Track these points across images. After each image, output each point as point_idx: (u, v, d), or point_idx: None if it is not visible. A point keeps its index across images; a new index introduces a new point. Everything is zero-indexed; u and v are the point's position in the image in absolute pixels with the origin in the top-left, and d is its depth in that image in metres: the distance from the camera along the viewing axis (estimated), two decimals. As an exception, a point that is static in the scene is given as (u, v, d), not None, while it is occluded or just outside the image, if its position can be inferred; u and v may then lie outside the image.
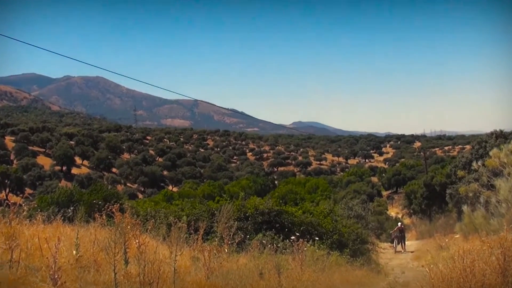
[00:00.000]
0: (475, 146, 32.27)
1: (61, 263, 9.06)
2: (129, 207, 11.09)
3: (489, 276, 7.45)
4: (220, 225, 14.31)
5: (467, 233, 22.63)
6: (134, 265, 9.88)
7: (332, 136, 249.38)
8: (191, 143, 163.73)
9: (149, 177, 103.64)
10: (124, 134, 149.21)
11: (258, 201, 20.25)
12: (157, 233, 13.73)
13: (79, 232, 10.62)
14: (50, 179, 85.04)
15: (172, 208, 23.46)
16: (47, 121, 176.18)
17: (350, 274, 16.14)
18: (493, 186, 20.64)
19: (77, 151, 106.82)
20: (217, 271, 11.22)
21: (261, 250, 14.13)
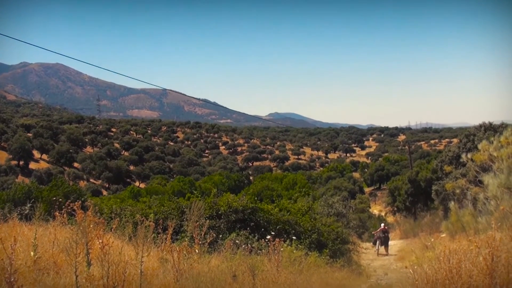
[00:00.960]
0: (463, 140, 32.55)
1: (18, 265, 9.01)
2: (92, 204, 11.07)
3: (476, 278, 7.54)
4: (191, 224, 14.29)
5: (454, 232, 22.86)
6: (97, 267, 9.85)
7: (311, 129, 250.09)
8: (159, 135, 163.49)
9: (114, 173, 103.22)
10: (86, 126, 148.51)
11: (231, 198, 20.26)
12: (123, 233, 13.69)
13: (37, 231, 10.56)
14: (5, 174, 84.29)
15: (139, 205, 23.41)
16: (2, 112, 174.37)
17: (330, 276, 16.24)
18: (481, 182, 20.85)
19: (35, 144, 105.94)
20: (187, 273, 11.23)
21: (234, 251, 14.15)
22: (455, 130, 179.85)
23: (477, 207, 20.47)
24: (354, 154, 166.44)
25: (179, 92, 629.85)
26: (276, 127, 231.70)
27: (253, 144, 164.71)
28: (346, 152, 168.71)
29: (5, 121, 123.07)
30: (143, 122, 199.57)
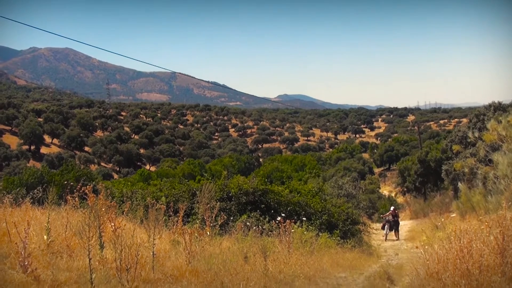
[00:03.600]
0: (473, 119, 32.37)
1: (31, 249, 9.06)
2: (103, 188, 11.05)
3: (487, 257, 7.51)
4: (202, 206, 14.31)
5: (464, 211, 22.78)
6: (110, 250, 9.89)
7: (320, 110, 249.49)
8: (169, 119, 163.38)
9: (124, 156, 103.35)
10: (96, 110, 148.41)
11: (242, 180, 20.24)
12: (134, 216, 13.74)
13: (50, 215, 10.59)
14: (17, 159, 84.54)
15: (150, 188, 23.44)
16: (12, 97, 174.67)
17: (341, 256, 16.24)
18: (491, 161, 20.74)
19: (46, 129, 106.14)
20: (199, 255, 11.26)
21: (245, 233, 14.18)
22: (464, 110, 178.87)
23: (487, 187, 20.37)
24: (363, 135, 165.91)
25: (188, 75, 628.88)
26: (285, 109, 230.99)
27: (263, 126, 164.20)
28: (356, 133, 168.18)
29: (16, 106, 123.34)
30: (152, 105, 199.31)
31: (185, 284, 9.34)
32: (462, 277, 7.41)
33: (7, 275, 8.21)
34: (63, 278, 8.58)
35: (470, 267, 7.44)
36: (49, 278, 8.42)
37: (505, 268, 7.26)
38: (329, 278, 12.25)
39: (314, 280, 11.68)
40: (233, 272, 10.52)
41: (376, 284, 10.92)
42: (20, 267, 8.52)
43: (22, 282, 8.06)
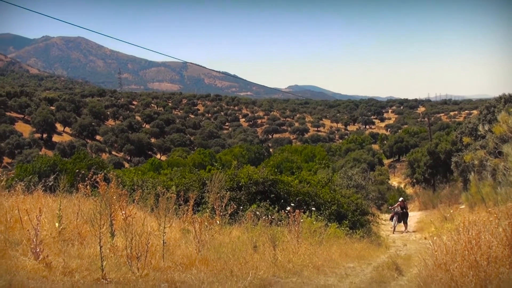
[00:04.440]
0: (483, 111, 32.23)
1: (43, 236, 9.11)
2: (114, 176, 11.11)
3: (496, 249, 7.50)
4: (212, 196, 14.34)
5: (473, 203, 22.73)
6: (120, 238, 9.94)
7: (331, 101, 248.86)
8: (180, 108, 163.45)
9: (135, 145, 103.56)
10: (108, 99, 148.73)
11: (252, 170, 20.27)
12: (145, 204, 13.79)
13: (61, 203, 10.63)
14: (29, 147, 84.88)
15: (161, 177, 23.53)
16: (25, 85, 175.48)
17: (349, 247, 16.24)
18: (501, 153, 20.67)
19: (58, 117, 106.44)
20: (209, 244, 11.29)
21: (255, 222, 14.20)
22: (475, 102, 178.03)
23: (497, 178, 20.31)
24: (373, 126, 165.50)
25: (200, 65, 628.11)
26: (296, 100, 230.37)
27: (273, 117, 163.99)
28: (366, 124, 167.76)
29: (29, 94, 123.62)
30: (163, 95, 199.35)
31: (195, 273, 9.37)
32: (470, 268, 7.41)
33: (19, 262, 8.27)
34: (74, 265, 8.63)
35: (478, 258, 7.44)
36: (60, 265, 8.47)
37: (513, 260, 7.25)
38: (337, 268, 12.27)
39: (322, 269, 11.70)
40: (242, 261, 10.55)
41: (384, 274, 10.93)
42: (32, 254, 8.57)
43: (34, 268, 8.11)
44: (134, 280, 8.32)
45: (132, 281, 8.22)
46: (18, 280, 7.41)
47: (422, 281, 8.53)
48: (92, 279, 8.11)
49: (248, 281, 8.97)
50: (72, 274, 8.24)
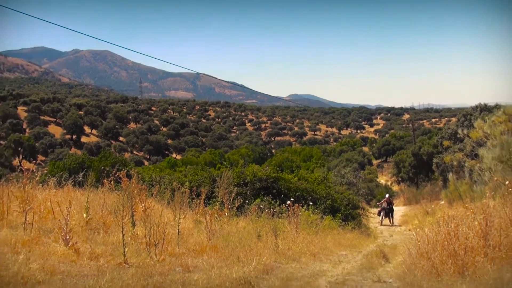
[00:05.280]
0: (461, 119, 32.26)
1: (72, 225, 9.13)
2: (135, 173, 11.10)
3: (472, 240, 7.50)
4: (221, 191, 14.33)
5: (452, 199, 22.71)
6: (140, 227, 9.95)
7: (326, 108, 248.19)
8: (193, 113, 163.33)
9: (154, 146, 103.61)
10: (130, 105, 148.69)
11: (256, 168, 20.28)
12: (162, 198, 13.78)
13: (89, 196, 10.65)
14: (61, 147, 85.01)
15: (176, 174, 23.51)
16: (57, 92, 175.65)
17: (342, 237, 16.24)
18: (477, 156, 20.66)
19: (86, 120, 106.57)
20: (218, 233, 11.30)
21: (259, 214, 14.20)
22: (454, 110, 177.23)
23: (473, 178, 20.32)
24: (364, 130, 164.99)
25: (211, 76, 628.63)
26: (295, 107, 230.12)
27: (275, 122, 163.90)
28: (357, 129, 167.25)
29: (60, 100, 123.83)
30: (179, 102, 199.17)
31: (206, 258, 9.37)
32: (449, 257, 7.40)
33: (51, 248, 8.27)
34: (100, 251, 8.64)
35: (456, 248, 7.43)
36: (87, 251, 8.48)
37: (487, 250, 7.24)
38: (331, 256, 12.26)
39: (318, 257, 11.68)
40: (247, 248, 10.54)
41: (373, 262, 10.90)
42: (62, 241, 8.58)
43: (64, 254, 8.12)
44: (152, 264, 8.33)
45: (151, 266, 8.22)
46: (50, 264, 7.42)
47: (407, 267, 8.52)
48: (115, 263, 8.11)
49: (252, 266, 8.96)
50: (98, 259, 8.24)
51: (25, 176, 9.95)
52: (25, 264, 7.08)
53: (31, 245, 8.27)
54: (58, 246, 8.43)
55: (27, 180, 9.84)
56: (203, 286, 7.20)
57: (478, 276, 6.74)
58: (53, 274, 7.02)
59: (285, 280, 8.32)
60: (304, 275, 9.10)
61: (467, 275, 6.91)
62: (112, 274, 7.36)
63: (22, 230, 8.94)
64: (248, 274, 8.30)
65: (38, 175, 10.66)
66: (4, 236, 8.40)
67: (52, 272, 7.08)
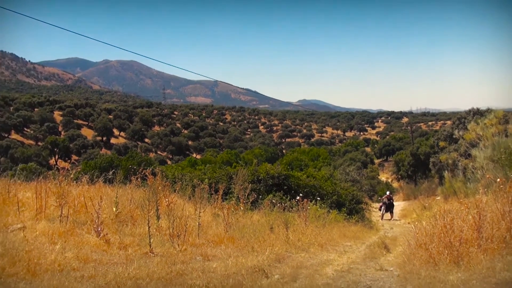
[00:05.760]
0: (455, 122, 32.04)
1: (103, 218, 9.18)
2: (159, 171, 11.15)
3: (466, 232, 7.45)
4: (237, 187, 14.36)
5: (447, 195, 22.57)
6: (164, 220, 9.98)
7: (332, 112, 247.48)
8: (211, 117, 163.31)
9: (176, 146, 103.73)
10: (154, 110, 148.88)
11: (269, 167, 20.27)
12: (184, 193, 13.81)
13: (118, 192, 10.72)
14: (92, 147, 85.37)
15: (196, 172, 23.52)
16: (89, 99, 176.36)
17: (347, 229, 16.19)
18: (470, 155, 20.54)
19: (115, 124, 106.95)
20: (234, 226, 11.32)
21: (271, 208, 14.20)
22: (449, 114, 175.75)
23: (467, 176, 20.20)
24: (366, 132, 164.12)
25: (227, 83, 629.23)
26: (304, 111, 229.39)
27: (286, 124, 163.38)
28: (360, 131, 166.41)
29: (92, 106, 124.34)
30: (199, 106, 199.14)
31: (223, 248, 9.39)
32: (445, 248, 7.35)
33: (84, 239, 8.33)
34: (128, 241, 8.68)
35: (452, 240, 7.38)
36: (117, 241, 8.52)
37: (480, 242, 7.20)
38: (337, 246, 12.23)
39: (325, 247, 11.66)
40: (261, 239, 10.56)
41: (375, 252, 10.86)
42: (94, 232, 8.63)
43: (96, 244, 8.17)
44: (175, 253, 8.35)
45: (174, 255, 8.25)
46: (84, 253, 7.47)
47: (406, 257, 8.48)
48: (142, 252, 8.15)
49: (266, 255, 8.97)
50: (126, 248, 8.28)
51: (61, 174, 10.02)
52: (61, 253, 7.13)
53: (67, 236, 8.32)
54: (90, 237, 8.49)
55: (63, 178, 9.91)
56: (221, 273, 7.21)
57: (472, 265, 6.70)
58: (86, 262, 7.07)
59: (296, 268, 8.32)
60: (312, 264, 9.09)
61: (462, 265, 6.87)
62: (139, 262, 7.39)
63: (58, 222, 9.00)
64: (262, 262, 8.30)
65: (72, 173, 10.73)
66: (43, 227, 8.46)
67: (85, 260, 7.13)
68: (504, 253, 6.81)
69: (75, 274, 6.37)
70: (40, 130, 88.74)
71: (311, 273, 7.97)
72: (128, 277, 6.44)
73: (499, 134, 19.38)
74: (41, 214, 9.40)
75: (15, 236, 7.67)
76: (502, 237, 7.16)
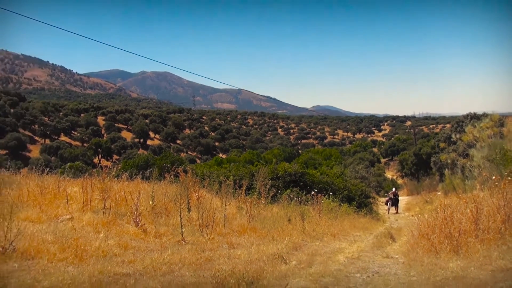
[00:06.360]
0: (454, 125, 31.70)
1: (141, 210, 9.25)
2: (190, 169, 11.23)
3: (465, 224, 7.38)
4: (258, 183, 14.35)
5: (447, 191, 22.36)
6: (194, 212, 10.02)
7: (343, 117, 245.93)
8: (235, 121, 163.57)
9: (204, 147, 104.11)
10: (185, 115, 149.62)
11: (286, 165, 20.24)
12: (211, 189, 13.85)
13: (154, 187, 10.78)
14: (131, 148, 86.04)
15: (222, 170, 23.58)
16: (128, 105, 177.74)
17: (356, 221, 16.11)
18: (468, 155, 20.31)
19: (151, 127, 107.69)
20: (256, 217, 11.32)
21: (289, 202, 14.18)
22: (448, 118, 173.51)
23: (465, 173, 19.96)
24: (373, 135, 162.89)
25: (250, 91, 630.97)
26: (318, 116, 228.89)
27: (302, 128, 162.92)
28: (368, 133, 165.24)
29: (130, 111, 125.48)
30: (224, 112, 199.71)
31: (247, 237, 9.40)
32: (446, 238, 7.28)
33: (124, 228, 8.41)
34: (163, 231, 8.74)
35: (452, 231, 7.31)
36: (153, 231, 8.58)
37: (477, 233, 7.12)
38: (348, 236, 12.16)
39: (337, 236, 11.61)
40: (280, 229, 10.55)
41: (382, 241, 10.78)
42: (133, 223, 8.71)
43: (135, 233, 8.24)
44: (204, 242, 8.38)
45: (203, 243, 8.28)
46: (124, 240, 7.54)
47: (410, 246, 8.40)
48: (175, 240, 8.19)
49: (284, 243, 8.96)
50: (161, 237, 8.34)
51: (104, 171, 10.14)
52: (104, 241, 7.21)
53: (109, 226, 8.41)
54: (130, 227, 8.56)
55: (106, 175, 10.03)
56: (245, 259, 7.21)
57: (470, 254, 6.63)
58: (126, 249, 7.13)
59: (311, 255, 8.29)
60: (326, 252, 9.05)
61: (461, 253, 6.80)
62: (172, 249, 7.43)
63: (102, 214, 9.10)
64: (281, 250, 8.30)
65: (113, 171, 10.84)
66: (88, 218, 8.56)
67: (126, 247, 7.19)
68: (499, 243, 6.75)
69: (116, 259, 6.43)
70: (85, 133, 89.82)
71: (325, 260, 7.94)
72: (163, 262, 6.48)
73: (494, 136, 19.15)
74: (87, 207, 9.52)
75: (64, 225, 7.78)
76: (498, 229, 7.09)
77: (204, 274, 6.00)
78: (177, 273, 6.03)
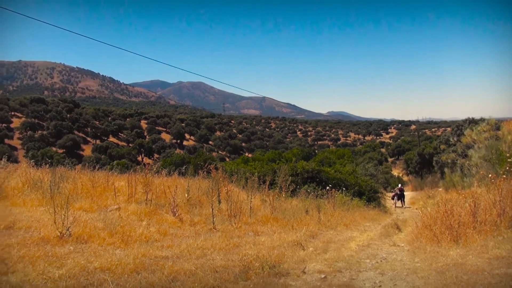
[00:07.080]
0: (454, 129, 31.19)
1: (178, 202, 9.33)
2: (220, 166, 11.25)
3: (464, 217, 7.26)
4: (280, 179, 14.33)
5: (448, 187, 21.96)
6: (224, 204, 10.07)
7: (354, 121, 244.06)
8: (260, 125, 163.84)
9: (232, 147, 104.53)
10: (216, 119, 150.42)
11: (304, 163, 20.19)
12: (239, 184, 13.90)
13: (189, 182, 10.88)
14: (169, 148, 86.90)
15: (248, 167, 23.64)
16: (167, 111, 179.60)
17: (366, 213, 15.97)
18: (467, 155, 19.95)
19: (187, 130, 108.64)
20: (278, 209, 11.31)
21: (306, 196, 14.15)
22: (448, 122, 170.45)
23: (464, 172, 19.61)
24: (381, 137, 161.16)
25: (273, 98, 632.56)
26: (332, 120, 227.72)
27: (318, 130, 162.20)
28: (377, 135, 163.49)
29: (169, 116, 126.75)
30: (250, 117, 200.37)
31: (270, 226, 9.41)
32: (447, 229, 7.18)
33: (163, 217, 8.50)
34: (197, 220, 8.80)
35: (452, 223, 7.20)
36: (188, 220, 8.65)
37: (475, 224, 7.00)
38: (359, 226, 12.07)
39: (349, 226, 11.53)
40: (299, 220, 10.53)
41: (389, 231, 10.66)
42: (171, 213, 8.79)
43: (173, 221, 8.32)
44: (232, 230, 8.42)
45: (231, 231, 8.31)
46: (163, 228, 7.63)
47: (414, 236, 8.29)
48: (207, 228, 8.25)
49: (302, 232, 8.94)
50: (195, 225, 8.40)
51: (146, 168, 10.27)
52: (146, 228, 7.31)
53: (151, 215, 8.51)
54: (168, 216, 8.65)
55: (148, 171, 10.16)
56: (268, 245, 7.22)
57: (469, 243, 6.53)
58: (165, 235, 7.21)
59: (326, 243, 8.25)
60: (339, 239, 8.99)
61: (460, 243, 6.70)
62: (205, 236, 7.49)
63: (144, 204, 9.21)
64: (299, 237, 8.28)
65: (154, 167, 10.97)
66: (133, 208, 8.68)
67: (165, 234, 7.27)
68: (495, 234, 6.65)
69: (157, 244, 6.52)
70: (130, 135, 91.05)
71: (338, 247, 7.90)
72: (197, 247, 6.53)
73: (491, 138, 18.77)
74: (132, 198, 9.65)
75: (112, 214, 7.90)
76: (494, 221, 6.98)
77: (232, 258, 6.04)
78: (209, 257, 6.08)
